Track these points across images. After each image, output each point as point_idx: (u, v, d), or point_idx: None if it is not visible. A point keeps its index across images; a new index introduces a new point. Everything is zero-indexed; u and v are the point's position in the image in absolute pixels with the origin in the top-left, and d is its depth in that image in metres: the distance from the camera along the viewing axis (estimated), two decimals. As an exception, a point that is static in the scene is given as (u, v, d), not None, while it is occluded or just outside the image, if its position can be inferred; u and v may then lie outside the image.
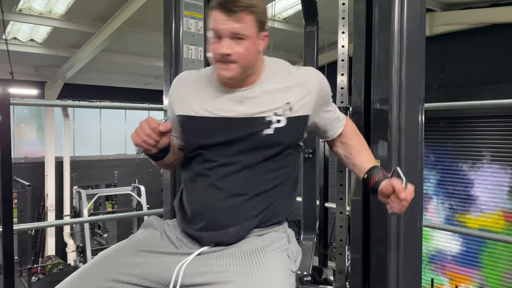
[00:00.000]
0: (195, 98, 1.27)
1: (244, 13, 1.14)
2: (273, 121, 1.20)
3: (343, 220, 1.94)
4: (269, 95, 1.23)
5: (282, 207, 1.27)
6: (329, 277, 2.12)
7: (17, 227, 2.47)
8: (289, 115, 1.21)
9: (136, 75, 10.54)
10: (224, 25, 1.14)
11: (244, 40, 1.16)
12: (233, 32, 1.14)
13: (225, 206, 1.20)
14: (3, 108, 2.15)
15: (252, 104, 1.21)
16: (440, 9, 6.51)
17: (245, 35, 1.15)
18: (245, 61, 1.17)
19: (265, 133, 1.19)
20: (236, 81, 1.21)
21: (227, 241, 1.20)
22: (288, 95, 1.23)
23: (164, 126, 1.14)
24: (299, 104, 1.23)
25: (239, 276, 1.10)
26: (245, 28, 1.15)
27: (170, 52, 1.87)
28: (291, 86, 1.24)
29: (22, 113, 11.30)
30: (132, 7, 5.98)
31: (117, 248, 1.25)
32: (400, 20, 1.39)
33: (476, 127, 6.54)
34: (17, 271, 8.28)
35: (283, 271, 1.13)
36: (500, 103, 2.74)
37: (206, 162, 1.24)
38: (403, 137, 1.39)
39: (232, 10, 1.13)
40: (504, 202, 6.37)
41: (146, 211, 7.17)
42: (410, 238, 1.42)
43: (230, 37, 1.15)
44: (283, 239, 1.24)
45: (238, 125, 1.20)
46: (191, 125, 1.26)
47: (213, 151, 1.22)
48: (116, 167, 12.06)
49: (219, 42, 1.16)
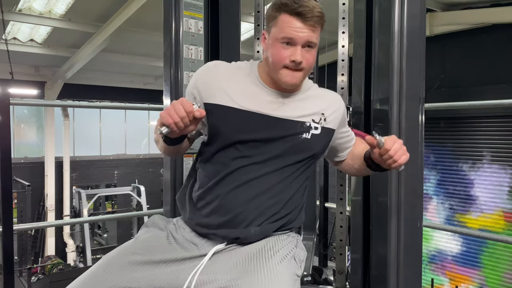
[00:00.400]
0: (235, 90, 1.24)
1: (319, 23, 1.17)
2: (312, 127, 1.25)
3: (343, 220, 1.94)
4: (309, 103, 1.28)
5: (299, 216, 1.31)
6: (329, 277, 2.12)
7: (17, 227, 2.47)
8: (323, 125, 1.27)
9: (136, 75, 10.54)
10: (300, 34, 1.15)
11: (313, 49, 1.19)
12: (309, 41, 1.17)
13: (252, 205, 1.20)
14: (3, 108, 2.15)
15: (294, 108, 1.25)
16: (440, 9, 6.50)
17: (316, 44, 1.20)
18: (309, 69, 1.22)
19: (303, 137, 1.24)
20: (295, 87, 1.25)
21: (247, 240, 1.20)
22: (323, 106, 1.29)
23: (200, 111, 1.11)
24: (330, 117, 1.29)
25: (245, 276, 1.10)
26: (317, 38, 1.19)
27: (170, 52, 1.87)
28: (324, 99, 1.31)
29: (22, 113, 11.30)
30: (132, 7, 5.98)
31: (124, 253, 1.20)
32: (400, 20, 1.39)
33: (476, 127, 6.54)
34: (17, 271, 8.27)
35: (288, 276, 1.14)
36: (500, 103, 2.74)
37: (240, 158, 1.22)
38: (403, 137, 1.39)
39: (310, 19, 1.15)
40: (504, 202, 6.37)
41: (146, 211, 7.18)
42: (410, 238, 1.42)
43: (304, 45, 1.17)
44: (292, 243, 1.26)
45: (279, 125, 1.22)
46: (230, 116, 1.21)
47: (249, 147, 1.21)
48: (116, 167, 12.06)
49: (288, 48, 1.17)
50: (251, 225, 1.20)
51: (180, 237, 1.24)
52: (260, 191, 1.21)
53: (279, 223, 1.24)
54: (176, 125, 1.09)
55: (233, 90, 1.23)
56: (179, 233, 1.25)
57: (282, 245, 1.21)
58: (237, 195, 1.21)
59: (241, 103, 1.21)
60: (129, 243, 1.24)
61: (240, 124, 1.21)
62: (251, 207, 1.20)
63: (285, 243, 1.23)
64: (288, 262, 1.18)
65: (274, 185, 1.22)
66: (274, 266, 1.13)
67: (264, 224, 1.21)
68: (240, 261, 1.15)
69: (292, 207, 1.26)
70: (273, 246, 1.19)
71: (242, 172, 1.21)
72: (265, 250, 1.17)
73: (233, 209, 1.20)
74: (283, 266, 1.14)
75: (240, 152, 1.22)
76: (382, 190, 1.43)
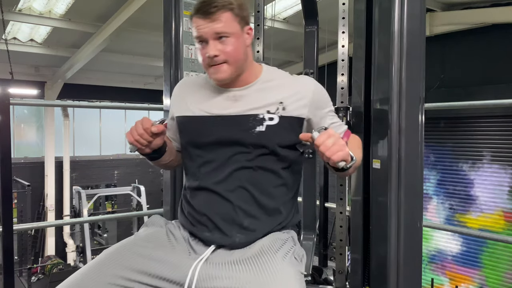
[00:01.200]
0: (192, 99, 1.29)
1: (221, 12, 1.15)
2: (266, 118, 1.20)
3: (343, 220, 1.93)
4: (263, 94, 1.23)
5: (290, 213, 1.27)
6: (329, 277, 2.12)
7: (17, 227, 2.47)
8: (281, 114, 1.21)
9: (136, 75, 10.54)
10: (205, 29, 1.16)
11: (228, 38, 1.17)
12: (215, 32, 1.16)
13: (224, 212, 1.20)
14: (3, 108, 2.15)
15: (246, 102, 1.22)
16: (440, 9, 6.51)
17: (228, 32, 1.16)
18: (234, 58, 1.19)
19: (257, 130, 1.19)
20: (231, 81, 1.23)
21: (235, 247, 1.19)
22: (282, 95, 1.23)
23: (157, 127, 1.16)
24: (293, 105, 1.22)
25: (252, 282, 1.08)
26: (225, 26, 1.16)
27: (170, 52, 1.87)
28: (286, 88, 1.25)
29: (22, 113, 11.30)
30: (132, 7, 5.98)
31: (124, 247, 1.20)
32: (400, 20, 1.39)
33: (476, 127, 6.54)
34: (17, 271, 8.28)
35: (294, 275, 1.12)
36: (500, 103, 2.74)
37: (204, 165, 1.23)
38: (403, 137, 1.39)
39: (209, 12, 1.15)
40: (504, 202, 6.37)
41: (146, 211, 7.18)
42: (410, 238, 1.41)
43: (214, 38, 1.17)
44: (288, 241, 1.23)
45: (232, 123, 1.21)
46: (187, 124, 1.27)
47: (208, 151, 1.22)
48: (116, 167, 12.06)
49: (204, 47, 1.18)
50: (233, 232, 1.19)
51: (178, 233, 1.25)
52: (229, 194, 1.20)
53: (265, 224, 1.21)
54: (138, 142, 1.17)
55: (191, 99, 1.29)
56: (177, 231, 1.27)
57: (281, 245, 1.19)
58: (210, 205, 1.21)
59: (195, 109, 1.26)
60: (130, 238, 1.25)
61: (194, 130, 1.25)
62: (224, 215, 1.19)
63: (283, 242, 1.20)
64: (290, 261, 1.16)
65: (246, 186, 1.20)
66: (278, 267, 1.10)
67: (247, 231, 1.19)
68: (242, 268, 1.12)
69: (275, 204, 1.23)
70: (272, 246, 1.17)
71: (210, 178, 1.22)
72: (266, 251, 1.15)
73: (210, 220, 1.21)
74: (287, 266, 1.12)
75: (202, 158, 1.23)
76: (382, 190, 1.43)
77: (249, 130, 1.19)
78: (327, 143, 1.04)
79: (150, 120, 1.17)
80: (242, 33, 1.21)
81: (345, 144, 1.05)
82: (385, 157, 1.44)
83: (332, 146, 1.03)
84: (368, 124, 1.59)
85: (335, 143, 1.04)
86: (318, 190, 3.19)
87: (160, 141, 1.21)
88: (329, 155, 1.04)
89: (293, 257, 1.19)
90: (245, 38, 1.22)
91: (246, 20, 1.22)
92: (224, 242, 1.19)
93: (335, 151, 1.03)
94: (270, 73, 1.30)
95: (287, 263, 1.14)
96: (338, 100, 1.91)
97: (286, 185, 1.26)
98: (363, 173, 1.61)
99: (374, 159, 1.50)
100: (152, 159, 1.29)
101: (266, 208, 1.22)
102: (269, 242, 1.19)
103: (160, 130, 1.17)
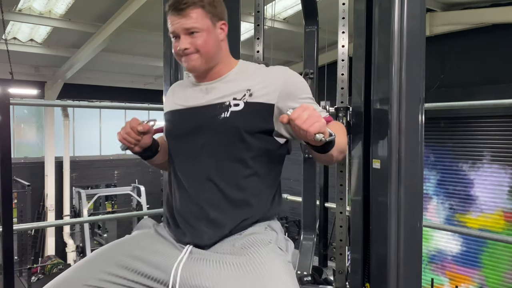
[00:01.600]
0: (176, 97, 1.37)
1: (191, 9, 1.21)
2: (231, 105, 1.22)
3: (343, 220, 1.94)
4: (232, 84, 1.27)
5: (257, 206, 1.23)
6: (329, 277, 2.12)
7: (17, 227, 2.47)
8: (248, 100, 1.22)
9: (136, 75, 10.54)
10: (177, 24, 1.22)
11: (199, 33, 1.22)
12: (185, 28, 1.22)
13: (193, 207, 1.22)
14: (3, 108, 2.14)
15: (215, 93, 1.27)
16: (440, 9, 6.51)
17: (198, 28, 1.22)
18: (205, 50, 1.23)
19: (222, 117, 1.22)
20: (204, 72, 1.28)
21: (206, 245, 1.20)
22: (251, 83, 1.25)
23: (142, 126, 1.21)
24: (260, 91, 1.23)
25: (241, 280, 1.07)
26: (195, 22, 1.21)
27: (170, 52, 1.87)
28: (256, 76, 1.27)
29: (22, 113, 11.30)
30: (132, 7, 5.98)
31: (112, 246, 1.27)
32: (400, 20, 1.39)
33: (476, 127, 6.54)
34: (17, 271, 8.28)
35: (282, 265, 1.12)
36: (500, 103, 2.74)
37: (178, 156, 1.29)
38: (403, 137, 1.39)
39: (180, 9, 1.21)
40: (504, 202, 6.37)
41: (146, 211, 7.17)
42: (410, 238, 1.41)
43: (185, 33, 1.22)
44: (267, 231, 1.22)
45: (200, 112, 1.26)
46: (167, 118, 1.35)
47: (183, 141, 1.27)
48: (116, 167, 12.06)
49: (178, 41, 1.25)
50: (201, 227, 1.20)
51: (166, 234, 1.29)
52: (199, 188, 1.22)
53: (232, 216, 1.20)
54: (127, 140, 1.23)
55: (176, 97, 1.37)
56: (164, 232, 1.30)
57: (262, 238, 1.17)
58: (182, 201, 1.25)
59: (175, 105, 1.34)
60: (119, 240, 1.31)
61: (172, 122, 1.33)
62: (194, 210, 1.22)
63: (261, 233, 1.19)
64: (274, 252, 1.15)
65: (212, 178, 1.21)
66: (264, 261, 1.09)
67: (213, 224, 1.19)
68: (226, 267, 1.12)
69: (244, 196, 1.21)
70: (252, 240, 1.16)
71: (183, 172, 1.26)
72: (246, 246, 1.15)
73: (182, 216, 1.24)
74: (272, 259, 1.11)
75: (177, 150, 1.29)
76: (382, 190, 1.43)
77: (215, 117, 1.22)
78: (302, 115, 1.01)
79: (138, 119, 1.22)
80: (215, 28, 1.25)
81: (320, 116, 1.03)
82: (385, 157, 1.44)
83: (307, 118, 1.00)
84: (368, 124, 1.59)
85: (310, 115, 1.01)
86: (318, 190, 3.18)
87: (148, 140, 1.26)
88: (305, 128, 1.00)
89: (277, 247, 1.18)
90: (218, 33, 1.27)
91: (220, 16, 1.27)
92: (194, 238, 1.20)
93: (311, 122, 1.00)
94: (245, 65, 1.33)
95: (272, 255, 1.13)
96: (338, 100, 1.91)
97: (257, 175, 1.23)
98: (363, 173, 1.61)
99: (374, 159, 1.51)
100: (145, 158, 1.34)
101: (233, 200, 1.21)
102: (249, 237, 1.18)
103: (146, 129, 1.21)
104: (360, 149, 1.66)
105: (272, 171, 1.28)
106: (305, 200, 2.35)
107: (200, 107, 1.26)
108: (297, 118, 1.01)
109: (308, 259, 2.18)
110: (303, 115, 1.01)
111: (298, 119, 1.01)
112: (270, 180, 1.28)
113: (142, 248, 1.22)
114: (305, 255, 2.21)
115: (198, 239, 1.20)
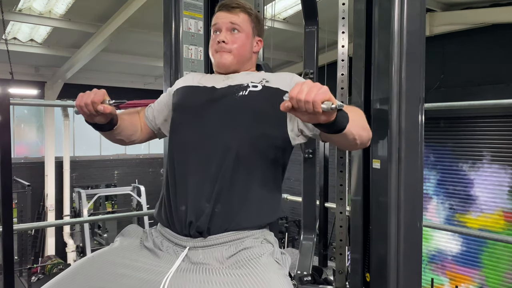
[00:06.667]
0: (193, 78, 1.40)
1: (240, 10, 1.34)
2: (250, 86, 1.27)
3: (343, 220, 1.94)
4: (250, 75, 1.34)
5: (259, 208, 1.19)
6: (329, 277, 2.12)
7: (17, 227, 2.47)
8: (265, 84, 1.28)
9: (136, 75, 10.54)
10: (223, 19, 1.33)
11: (239, 33, 1.33)
12: (231, 22, 1.32)
13: (188, 199, 1.16)
14: (3, 108, 2.15)
15: (235, 80, 1.32)
16: (440, 9, 6.51)
17: (241, 27, 1.33)
18: (238, 52, 1.33)
19: (240, 94, 1.25)
20: (230, 72, 1.34)
21: (194, 246, 1.14)
22: (264, 77, 1.32)
23: (104, 107, 1.12)
24: (276, 81, 1.28)
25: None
26: (241, 21, 1.33)
27: (170, 52, 1.88)
28: (270, 74, 1.35)
29: (22, 113, 11.29)
30: (132, 7, 5.98)
31: (95, 258, 1.18)
32: (400, 20, 1.39)
33: (476, 127, 6.54)
34: (17, 271, 8.28)
35: (279, 279, 1.06)
36: (500, 103, 2.74)
37: (186, 130, 1.26)
38: (403, 137, 1.39)
39: (231, 7, 1.33)
40: (504, 202, 6.37)
41: (146, 211, 7.17)
42: (410, 238, 1.42)
43: (227, 29, 1.32)
44: (263, 244, 1.16)
45: (219, 90, 1.29)
46: (181, 91, 1.36)
47: (195, 115, 1.25)
48: (116, 167, 12.06)
49: (217, 35, 1.34)
50: (192, 226, 1.14)
51: (150, 244, 1.21)
52: (196, 174, 1.18)
53: (223, 221, 1.14)
54: (81, 109, 1.14)
55: (192, 79, 1.40)
56: (149, 240, 1.22)
57: (260, 251, 1.12)
58: (182, 189, 1.18)
59: (193, 83, 1.37)
60: (103, 249, 1.23)
61: (185, 94, 1.34)
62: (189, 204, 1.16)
63: (257, 246, 1.14)
64: (272, 265, 1.10)
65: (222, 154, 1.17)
66: (261, 276, 1.04)
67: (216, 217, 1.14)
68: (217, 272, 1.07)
69: (240, 195, 1.16)
70: (248, 253, 1.10)
71: (190, 146, 1.22)
72: (242, 259, 1.09)
73: (177, 209, 1.18)
74: (270, 272, 1.06)
75: (185, 125, 1.26)
76: (382, 190, 1.43)
77: (233, 94, 1.26)
78: (302, 89, 0.89)
79: (103, 95, 1.14)
80: (253, 38, 1.37)
81: (321, 85, 0.92)
82: (385, 157, 1.44)
83: (309, 90, 0.89)
84: (368, 124, 1.59)
85: (310, 86, 0.90)
86: (318, 190, 3.19)
87: (103, 119, 1.18)
88: (310, 99, 0.88)
89: (274, 261, 1.13)
90: (254, 44, 1.38)
91: (259, 32, 1.40)
92: (197, 220, 1.13)
93: (314, 92, 0.89)
94: (255, 71, 1.43)
95: (269, 269, 1.07)
96: (338, 100, 1.91)
97: (262, 172, 1.21)
98: (363, 173, 1.61)
99: (374, 159, 1.51)
100: (98, 128, 1.24)
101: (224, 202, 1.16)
102: (244, 248, 1.13)
103: (106, 111, 1.13)
104: (360, 149, 1.65)
105: (273, 170, 1.25)
106: (305, 200, 2.35)
107: (218, 88, 1.30)
108: (298, 93, 0.89)
109: (308, 259, 2.18)
110: (303, 88, 0.89)
111: (299, 94, 0.89)
112: (273, 183, 1.25)
113: (126, 266, 1.14)
114: (305, 255, 2.21)
115: (202, 223, 1.13)
